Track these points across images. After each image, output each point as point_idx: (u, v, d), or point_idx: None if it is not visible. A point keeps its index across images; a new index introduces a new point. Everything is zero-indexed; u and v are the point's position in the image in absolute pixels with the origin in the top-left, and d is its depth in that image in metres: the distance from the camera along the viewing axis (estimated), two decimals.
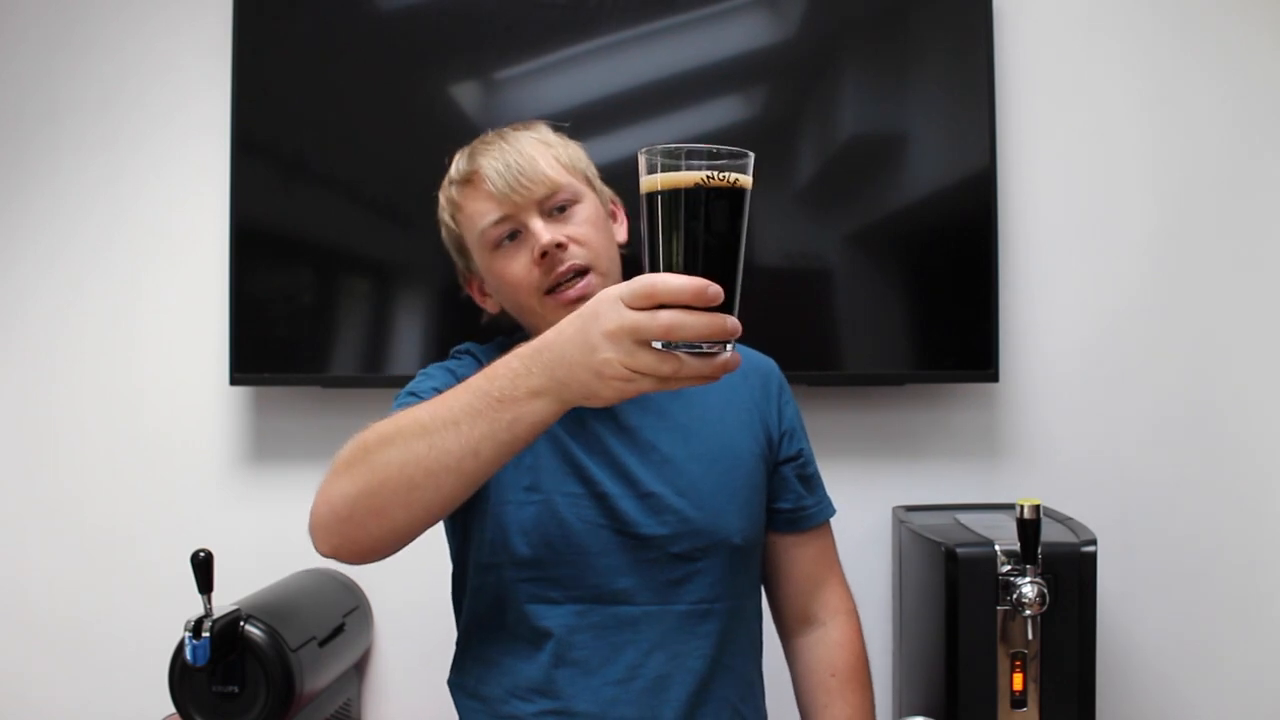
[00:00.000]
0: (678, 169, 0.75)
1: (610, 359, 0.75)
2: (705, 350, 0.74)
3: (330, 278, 1.70)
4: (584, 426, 1.12)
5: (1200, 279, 1.76)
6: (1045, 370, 1.75)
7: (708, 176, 0.75)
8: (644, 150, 0.76)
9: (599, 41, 1.68)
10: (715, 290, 0.72)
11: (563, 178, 1.12)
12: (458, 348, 1.20)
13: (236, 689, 1.31)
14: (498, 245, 1.12)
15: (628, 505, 1.09)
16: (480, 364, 1.16)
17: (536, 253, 1.09)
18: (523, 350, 0.82)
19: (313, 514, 0.93)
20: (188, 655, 1.24)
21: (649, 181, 0.76)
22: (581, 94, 1.66)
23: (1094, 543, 1.35)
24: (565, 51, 1.68)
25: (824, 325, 1.70)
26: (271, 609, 1.38)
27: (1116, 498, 1.73)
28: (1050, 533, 1.36)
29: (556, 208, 1.11)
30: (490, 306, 1.21)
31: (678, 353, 0.74)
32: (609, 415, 1.13)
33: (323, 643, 1.45)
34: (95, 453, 1.75)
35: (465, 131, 1.67)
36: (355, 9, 1.70)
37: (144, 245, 1.76)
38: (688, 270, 0.74)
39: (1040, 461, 1.75)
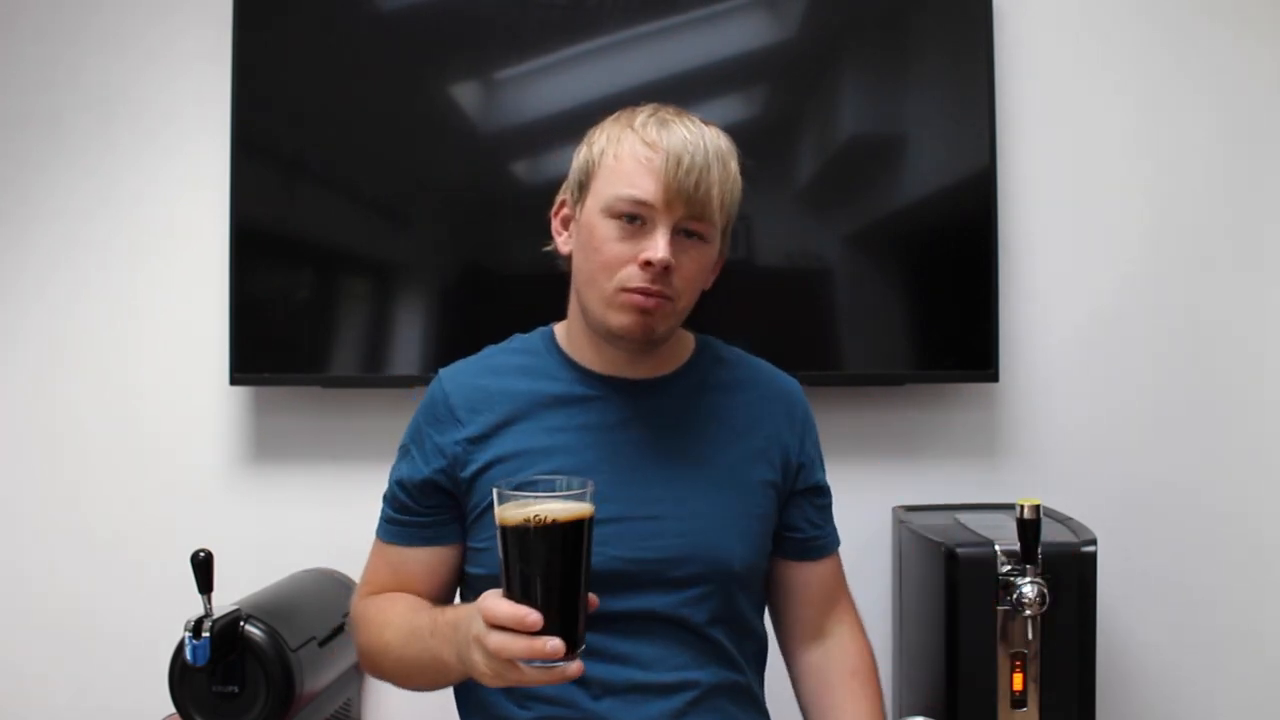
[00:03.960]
0: (511, 505, 0.86)
1: (476, 659, 0.90)
2: (546, 664, 0.86)
3: (330, 278, 1.70)
4: (596, 448, 1.11)
5: (1199, 279, 1.76)
6: (1045, 370, 1.75)
7: (527, 518, 0.85)
8: (494, 486, 0.88)
9: (599, 41, 1.68)
10: (533, 620, 0.84)
11: (716, 215, 1.08)
12: (440, 373, 1.16)
13: (236, 689, 1.31)
14: (618, 215, 1.06)
15: (627, 529, 1.08)
16: (451, 408, 1.11)
17: (643, 258, 1.04)
18: (450, 618, 0.98)
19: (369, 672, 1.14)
20: (188, 655, 1.24)
21: (495, 514, 0.88)
22: (581, 94, 1.66)
23: (1094, 543, 1.35)
24: (565, 51, 1.68)
25: (824, 325, 1.70)
26: (271, 609, 1.38)
27: (1116, 498, 1.73)
28: (1050, 533, 1.36)
29: (687, 232, 1.07)
30: (561, 246, 1.15)
31: (519, 663, 0.86)
32: (623, 434, 1.12)
33: (323, 643, 1.45)
34: (96, 453, 1.75)
35: (465, 131, 1.69)
36: (355, 9, 1.70)
37: (145, 246, 1.76)
38: (522, 596, 0.86)
39: (1040, 461, 1.75)
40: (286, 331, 1.68)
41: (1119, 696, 1.72)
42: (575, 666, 0.87)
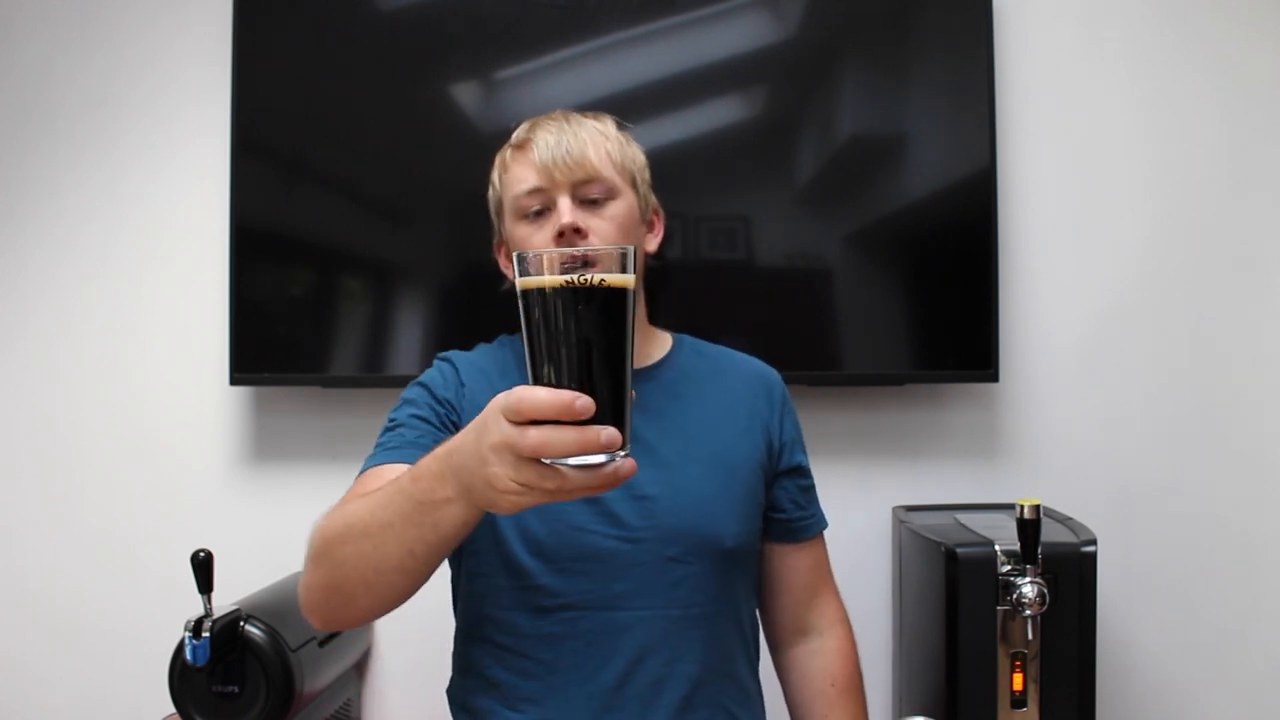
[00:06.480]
0: (544, 270, 0.70)
1: (498, 473, 0.72)
2: (590, 462, 0.70)
3: (330, 278, 1.70)
4: None
5: (1199, 278, 1.76)
6: (1045, 370, 1.75)
7: (569, 279, 0.69)
8: (517, 252, 0.73)
9: (599, 41, 1.68)
10: (584, 404, 0.67)
11: (606, 170, 1.14)
12: (441, 354, 1.20)
13: (236, 689, 1.31)
14: (526, 215, 1.14)
15: (623, 509, 1.09)
16: (457, 372, 1.15)
17: (555, 231, 1.10)
18: (440, 451, 0.82)
19: (300, 598, 0.97)
20: (188, 655, 1.24)
21: (520, 282, 0.72)
22: (581, 94, 1.66)
23: (1094, 543, 1.35)
24: (565, 51, 1.68)
25: (824, 325, 1.70)
26: (271, 609, 1.38)
27: (1116, 498, 1.73)
28: (1050, 533, 1.36)
29: (591, 199, 1.13)
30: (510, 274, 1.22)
31: (561, 466, 0.70)
32: None
33: (323, 643, 1.45)
34: (96, 453, 1.75)
35: (465, 131, 1.69)
36: (355, 9, 1.70)
37: (145, 246, 1.76)
38: (559, 380, 0.70)
39: (1040, 461, 1.75)
40: (286, 331, 1.68)
41: (1119, 696, 1.72)
42: (630, 464, 0.71)
